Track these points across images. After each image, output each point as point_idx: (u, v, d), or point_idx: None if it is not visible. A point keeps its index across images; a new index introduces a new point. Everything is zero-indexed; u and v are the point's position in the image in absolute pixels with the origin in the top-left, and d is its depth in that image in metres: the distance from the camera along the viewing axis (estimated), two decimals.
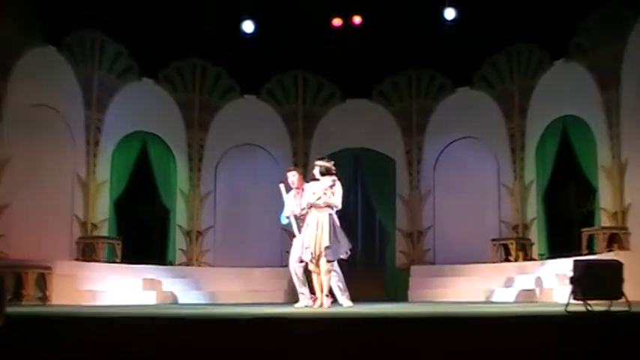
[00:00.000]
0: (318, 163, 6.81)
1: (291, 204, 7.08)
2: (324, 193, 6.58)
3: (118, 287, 9.04)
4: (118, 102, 10.47)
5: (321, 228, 6.47)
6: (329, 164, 6.75)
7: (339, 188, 6.61)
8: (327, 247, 6.42)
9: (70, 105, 9.81)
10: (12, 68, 8.85)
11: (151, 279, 9.62)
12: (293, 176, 7.20)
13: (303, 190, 7.02)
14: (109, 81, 10.35)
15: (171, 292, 9.65)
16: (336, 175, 6.71)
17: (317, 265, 6.52)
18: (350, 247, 6.68)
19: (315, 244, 6.45)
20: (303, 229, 6.64)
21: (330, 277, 6.60)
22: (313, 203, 6.57)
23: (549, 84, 10.16)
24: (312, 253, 6.46)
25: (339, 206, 6.64)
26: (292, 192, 7.20)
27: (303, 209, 6.69)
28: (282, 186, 7.22)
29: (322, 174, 6.68)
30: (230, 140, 11.39)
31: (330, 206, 6.58)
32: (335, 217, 6.63)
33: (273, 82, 11.55)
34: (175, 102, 11.15)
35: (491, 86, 10.90)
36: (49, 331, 3.63)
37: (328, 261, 6.48)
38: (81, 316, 4.39)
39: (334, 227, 6.54)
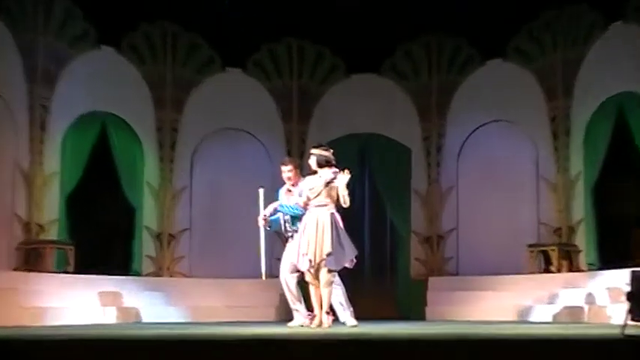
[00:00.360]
0: (315, 152, 6.84)
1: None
2: (325, 189, 6.61)
3: (71, 303, 8.99)
4: (70, 75, 10.36)
5: (322, 230, 6.53)
6: (328, 153, 6.80)
7: (343, 182, 6.59)
8: (328, 254, 6.49)
9: (9, 79, 9.73)
10: None
11: (112, 292, 9.57)
12: (289, 171, 7.21)
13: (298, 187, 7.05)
14: (58, 49, 10.24)
15: (136, 309, 9.61)
16: (336, 166, 6.73)
17: (316, 275, 6.58)
18: (355, 253, 6.74)
19: (315, 250, 6.50)
20: (299, 232, 6.67)
21: (331, 291, 6.67)
22: (311, 201, 6.60)
23: (602, 54, 10.07)
24: (310, 261, 6.51)
25: (347, 204, 6.67)
26: (282, 190, 7.30)
27: (306, 204, 6.68)
28: (261, 191, 7.30)
29: (320, 165, 6.73)
30: (209, 123, 11.40)
31: (330, 204, 6.62)
32: (338, 217, 6.69)
33: (262, 53, 11.58)
34: (142, 76, 11.11)
35: (529, 58, 10.89)
36: None
37: (329, 271, 6.54)
38: (24, 340, 4.33)
39: (337, 230, 6.60)
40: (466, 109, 11.22)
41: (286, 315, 10.39)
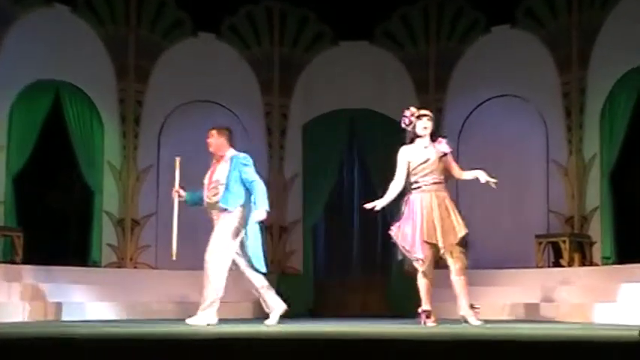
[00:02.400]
0: (425, 112, 6.85)
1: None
2: (439, 163, 6.69)
3: (18, 297, 8.86)
4: (16, 37, 10.20)
5: (446, 211, 6.62)
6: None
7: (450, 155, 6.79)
8: (463, 237, 6.68)
9: None
10: None
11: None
12: (211, 135, 7.34)
13: (221, 157, 7.21)
14: (0, 6, 10.08)
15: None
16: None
17: (431, 266, 6.75)
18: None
19: (443, 234, 6.56)
20: (407, 216, 6.69)
21: (467, 280, 6.87)
22: (421, 180, 6.66)
23: (624, 18, 9.99)
24: (440, 249, 6.59)
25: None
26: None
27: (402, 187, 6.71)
28: (178, 160, 7.51)
29: (432, 133, 6.75)
30: (178, 95, 11.38)
31: (444, 181, 6.74)
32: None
33: (239, 16, 11.56)
34: (101, 39, 11.04)
35: (541, 24, 10.86)
36: None
37: (464, 254, 6.79)
38: None
39: (456, 210, 6.74)
40: (468, 83, 11.25)
41: (265, 311, 10.40)
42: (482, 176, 6.72)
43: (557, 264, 9.98)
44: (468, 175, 6.86)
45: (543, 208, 10.66)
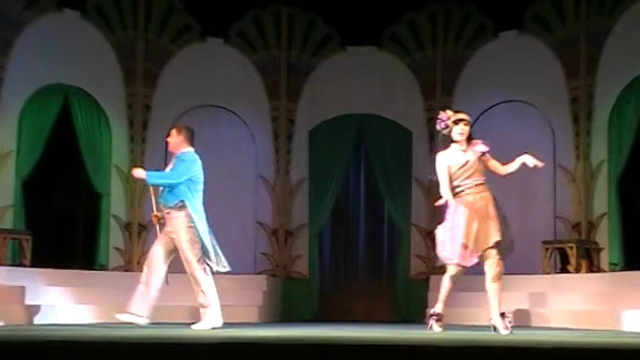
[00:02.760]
0: (466, 117, 6.62)
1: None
2: (478, 164, 6.53)
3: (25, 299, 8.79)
4: (27, 42, 10.27)
5: (486, 214, 6.41)
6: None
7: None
8: (497, 243, 6.37)
9: None
10: None
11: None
12: (170, 135, 7.23)
13: (175, 157, 7.10)
14: (11, 12, 10.12)
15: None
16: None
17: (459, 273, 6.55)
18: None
19: (480, 239, 6.38)
20: (449, 220, 6.51)
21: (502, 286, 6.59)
22: (463, 183, 6.50)
23: (632, 26, 10.01)
24: (476, 253, 6.38)
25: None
26: None
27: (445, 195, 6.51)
28: (152, 188, 7.25)
29: (470, 137, 6.58)
30: (186, 100, 11.38)
31: (485, 182, 6.56)
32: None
33: (246, 21, 11.58)
34: (110, 45, 11.08)
35: (548, 30, 10.86)
36: None
37: (500, 260, 6.46)
38: None
39: (500, 210, 6.52)
40: (475, 88, 11.20)
41: (271, 316, 10.52)
42: (530, 160, 6.53)
43: (564, 270, 9.95)
44: (513, 166, 6.63)
45: (550, 214, 10.62)
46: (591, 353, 3.93)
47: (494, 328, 6.39)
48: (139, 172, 7.14)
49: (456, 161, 6.51)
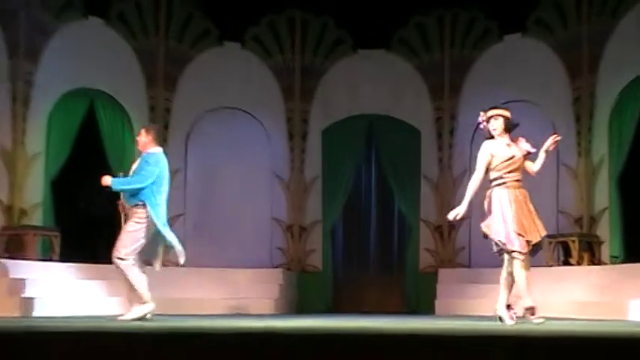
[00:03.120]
0: (498, 112, 6.56)
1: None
2: (522, 162, 6.40)
3: (55, 291, 8.94)
4: (55, 48, 10.31)
5: (528, 210, 6.32)
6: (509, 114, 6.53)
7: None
8: (544, 236, 6.37)
9: None
10: None
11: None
12: (139, 135, 7.09)
13: (141, 157, 6.92)
14: (42, 20, 10.18)
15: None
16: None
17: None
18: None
19: (533, 230, 6.26)
20: (497, 211, 6.32)
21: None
22: (506, 176, 6.35)
23: (632, 28, 9.96)
24: (528, 243, 6.22)
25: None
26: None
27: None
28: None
29: (507, 130, 6.49)
30: (205, 102, 11.41)
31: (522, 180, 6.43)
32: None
33: (261, 26, 11.60)
34: (133, 50, 11.12)
35: (551, 32, 10.83)
36: None
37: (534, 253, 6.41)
38: (10, 332, 4.29)
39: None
40: (481, 89, 11.11)
41: (287, 308, 10.55)
42: (549, 145, 6.55)
43: (566, 263, 9.94)
44: (539, 162, 6.55)
45: (553, 209, 10.51)
46: (603, 342, 3.89)
47: (501, 319, 6.33)
48: (105, 180, 6.93)
49: (501, 153, 6.38)
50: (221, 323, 6.19)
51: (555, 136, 6.53)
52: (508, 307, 6.36)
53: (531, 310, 6.34)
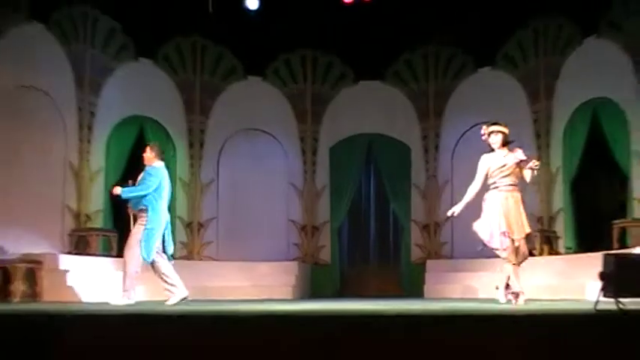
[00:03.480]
0: (497, 128, 6.22)
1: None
2: (515, 169, 6.11)
3: (113, 282, 8.83)
4: (113, 83, 10.46)
5: (518, 210, 6.06)
6: (507, 130, 6.21)
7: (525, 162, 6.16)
8: (529, 234, 6.11)
9: (60, 87, 9.78)
10: None
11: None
12: (145, 152, 7.00)
13: (145, 170, 6.83)
14: (102, 61, 10.35)
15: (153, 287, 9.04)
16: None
17: (514, 252, 6.07)
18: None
19: (517, 229, 6.03)
20: (487, 211, 6.11)
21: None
22: (499, 181, 6.10)
23: (579, 63, 10.07)
24: (513, 241, 6.02)
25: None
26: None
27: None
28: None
29: (504, 144, 6.20)
30: (233, 125, 11.45)
31: (518, 184, 6.13)
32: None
33: (279, 62, 11.63)
34: (174, 84, 11.20)
35: (516, 66, 10.86)
36: (39, 331, 3.51)
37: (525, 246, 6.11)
38: (73, 314, 4.37)
39: (524, 211, 6.15)
40: (460, 112, 11.16)
41: (302, 294, 10.52)
42: (529, 166, 6.12)
43: (530, 253, 9.71)
44: (528, 177, 6.21)
45: None
46: (566, 316, 4.02)
47: (517, 297, 6.04)
48: (115, 190, 6.90)
49: (496, 163, 6.17)
50: (248, 306, 6.02)
51: (536, 160, 6.30)
52: (507, 286, 6.12)
53: (515, 295, 6.14)
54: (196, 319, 4.03)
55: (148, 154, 7.01)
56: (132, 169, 10.26)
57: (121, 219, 10.11)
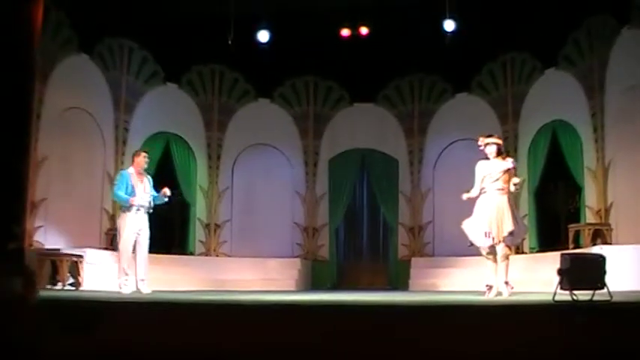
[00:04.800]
0: (492, 140, 6.10)
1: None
2: (503, 175, 5.96)
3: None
4: (144, 105, 10.54)
5: (502, 212, 5.85)
6: (502, 142, 6.11)
7: (514, 172, 6.03)
8: (510, 233, 5.83)
9: (101, 107, 9.91)
10: (50, 75, 8.96)
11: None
12: (145, 158, 6.76)
13: (142, 175, 6.63)
14: (136, 85, 10.43)
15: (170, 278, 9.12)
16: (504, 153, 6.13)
17: (492, 251, 5.91)
18: (526, 233, 6.02)
19: (498, 229, 5.82)
20: (475, 213, 5.98)
21: (508, 264, 5.96)
22: (488, 186, 5.94)
23: (540, 91, 10.15)
24: (493, 239, 5.85)
25: (517, 190, 6.06)
26: (128, 176, 6.64)
27: (482, 189, 5.93)
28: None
29: (498, 153, 6.08)
30: (246, 140, 11.43)
31: (506, 189, 5.94)
32: (512, 201, 6.05)
33: (285, 87, 11.59)
34: (196, 105, 11.20)
35: (488, 92, 10.89)
36: (84, 314, 3.59)
37: (507, 246, 5.93)
38: (111, 301, 4.43)
39: (513, 211, 5.97)
40: (440, 130, 11.17)
41: (304, 286, 10.52)
42: (513, 183, 6.01)
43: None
44: (512, 188, 6.05)
45: None
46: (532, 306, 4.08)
47: (499, 293, 5.88)
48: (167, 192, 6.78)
49: (487, 170, 6.08)
50: (257, 297, 5.96)
51: (518, 179, 6.16)
52: (506, 283, 5.91)
53: (489, 287, 6.04)
54: (212, 307, 4.07)
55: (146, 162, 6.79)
56: (159, 177, 10.25)
57: (149, 220, 10.20)
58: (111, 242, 9.54)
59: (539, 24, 9.41)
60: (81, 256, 8.26)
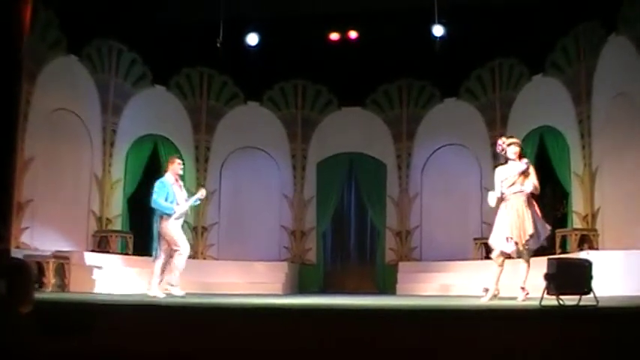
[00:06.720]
0: (514, 140, 5.95)
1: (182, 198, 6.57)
2: (519, 178, 5.87)
3: (128, 277, 9.01)
4: (132, 107, 10.50)
5: (522, 215, 5.79)
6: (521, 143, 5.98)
7: (532, 169, 5.91)
8: (531, 236, 5.78)
9: (89, 109, 9.89)
10: (37, 75, 8.93)
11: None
12: (180, 164, 6.72)
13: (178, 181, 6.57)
14: (124, 87, 10.41)
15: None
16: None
17: (505, 256, 5.86)
18: (548, 233, 5.98)
19: (520, 233, 5.77)
20: (499, 218, 5.89)
21: (529, 267, 5.88)
22: (506, 190, 5.84)
23: (528, 97, 10.20)
24: (516, 244, 5.81)
25: (538, 190, 5.94)
26: (170, 185, 6.62)
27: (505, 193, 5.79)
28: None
29: (521, 156, 5.96)
30: (234, 143, 11.42)
31: (525, 191, 5.85)
32: (533, 201, 5.95)
33: (274, 90, 11.58)
34: (184, 107, 11.18)
35: (476, 97, 10.93)
36: (71, 316, 3.63)
37: (530, 250, 5.88)
38: (95, 303, 4.43)
39: (534, 213, 5.87)
40: (428, 135, 11.19)
41: (291, 289, 10.49)
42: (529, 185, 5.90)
43: (487, 257, 9.49)
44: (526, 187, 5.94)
45: (479, 220, 10.48)
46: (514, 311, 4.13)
47: (515, 297, 5.84)
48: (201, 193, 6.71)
49: (505, 174, 5.95)
50: (244, 300, 5.98)
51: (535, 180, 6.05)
52: (522, 288, 5.87)
53: (485, 290, 6.05)
54: (198, 310, 4.08)
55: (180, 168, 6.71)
56: (147, 180, 10.26)
57: (136, 222, 10.24)
58: (98, 244, 9.47)
59: (527, 31, 9.52)
60: (67, 258, 8.23)
